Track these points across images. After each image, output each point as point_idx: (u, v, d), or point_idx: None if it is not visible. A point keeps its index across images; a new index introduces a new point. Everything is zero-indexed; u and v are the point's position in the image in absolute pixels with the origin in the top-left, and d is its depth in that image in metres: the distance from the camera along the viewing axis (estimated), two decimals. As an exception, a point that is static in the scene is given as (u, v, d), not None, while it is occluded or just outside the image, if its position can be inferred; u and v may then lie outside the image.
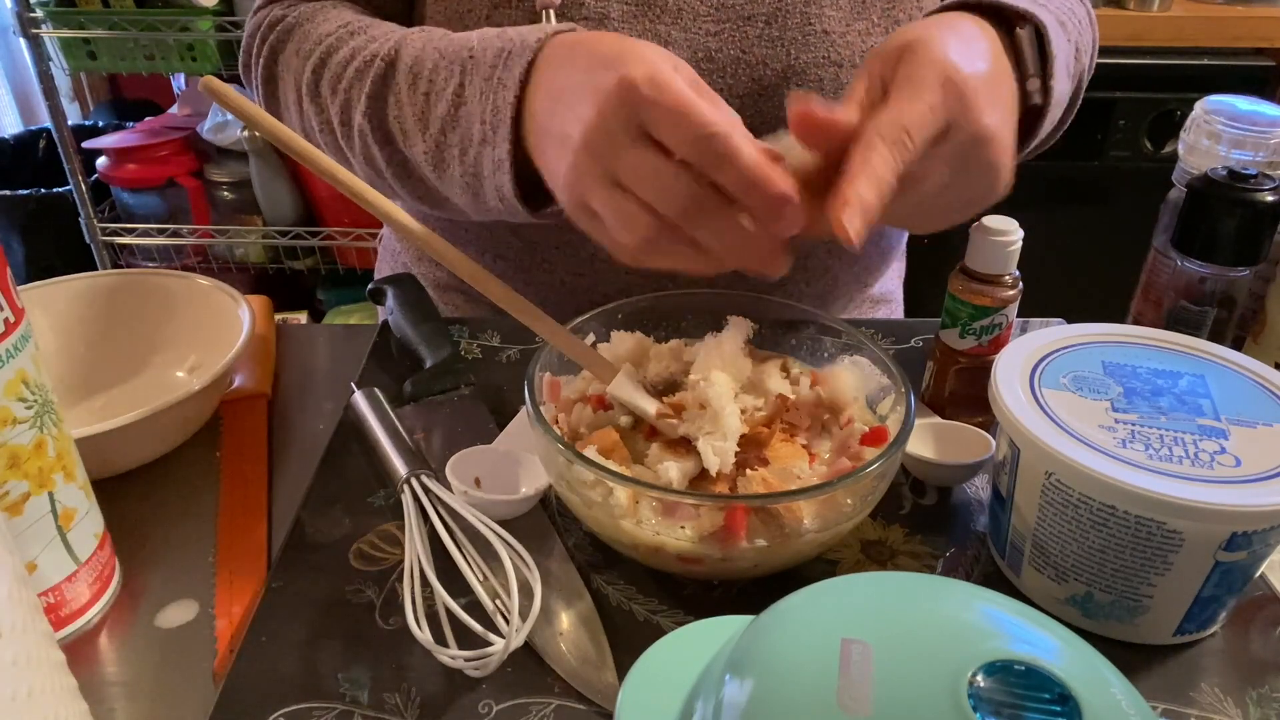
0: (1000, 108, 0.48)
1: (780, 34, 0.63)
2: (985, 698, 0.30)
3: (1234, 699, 0.45)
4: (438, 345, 0.67)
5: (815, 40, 0.63)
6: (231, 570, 0.52)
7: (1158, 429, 0.47)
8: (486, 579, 0.48)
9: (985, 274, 0.59)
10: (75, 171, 1.71)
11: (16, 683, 0.33)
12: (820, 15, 0.63)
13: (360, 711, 0.43)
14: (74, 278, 0.66)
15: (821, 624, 0.35)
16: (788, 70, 0.63)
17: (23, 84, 2.05)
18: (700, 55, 0.63)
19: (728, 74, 0.63)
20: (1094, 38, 0.68)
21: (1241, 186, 0.59)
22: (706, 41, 0.63)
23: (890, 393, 0.55)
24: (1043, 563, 0.48)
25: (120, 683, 0.46)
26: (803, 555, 0.49)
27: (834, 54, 0.63)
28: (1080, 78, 0.66)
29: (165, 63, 1.70)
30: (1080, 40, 0.63)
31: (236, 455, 0.61)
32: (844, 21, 0.64)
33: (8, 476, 0.43)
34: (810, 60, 0.63)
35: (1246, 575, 0.46)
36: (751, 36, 0.63)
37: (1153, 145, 1.65)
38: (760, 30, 0.63)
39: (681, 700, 0.37)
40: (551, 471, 0.50)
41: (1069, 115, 0.67)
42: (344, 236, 1.81)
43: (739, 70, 0.63)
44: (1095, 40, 0.69)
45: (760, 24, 0.63)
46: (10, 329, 0.42)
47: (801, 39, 0.63)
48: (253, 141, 1.72)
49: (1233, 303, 0.63)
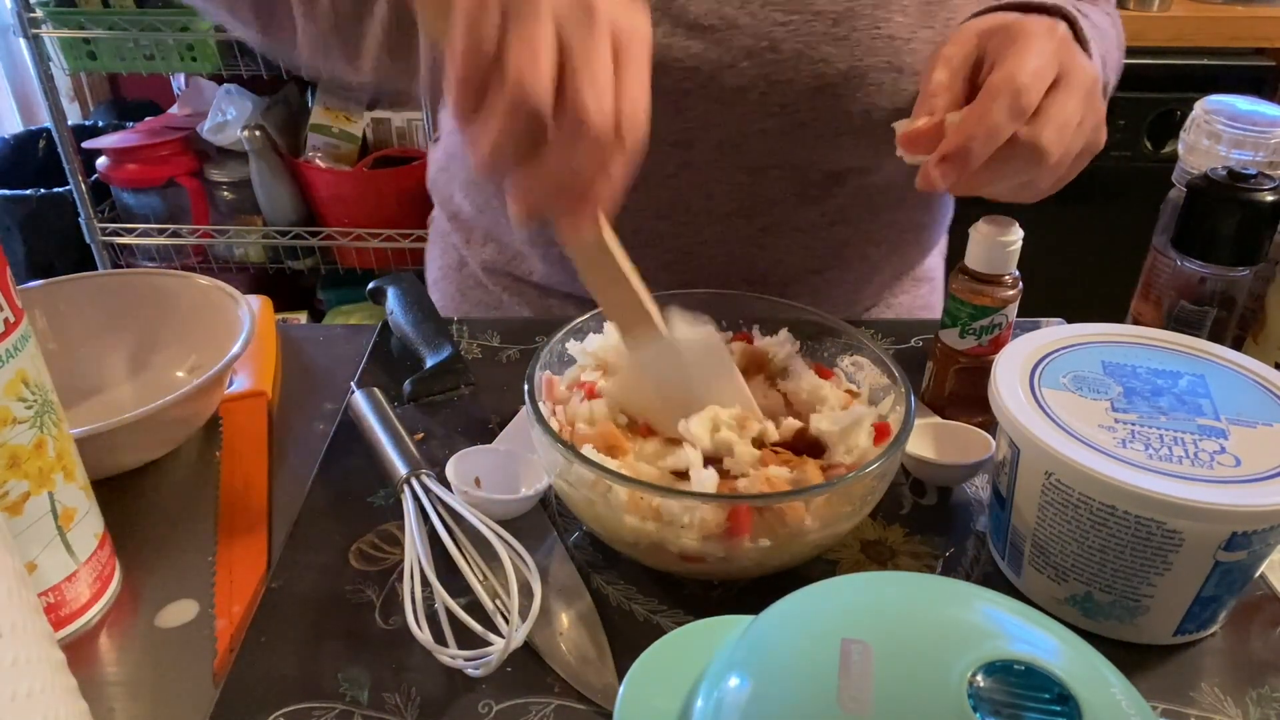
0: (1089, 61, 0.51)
1: (847, 34, 0.62)
2: (985, 698, 0.30)
3: (1234, 699, 0.45)
4: (438, 345, 0.67)
5: (881, 44, 0.63)
6: (231, 570, 0.52)
7: (1158, 429, 0.47)
8: (486, 579, 0.48)
9: (985, 274, 0.59)
10: (75, 171, 1.71)
11: (16, 683, 0.33)
12: (889, 20, 0.63)
13: (360, 711, 0.43)
14: (74, 278, 0.66)
15: (821, 624, 0.35)
16: (850, 71, 0.63)
17: (23, 84, 2.04)
18: (765, 44, 0.62)
19: (789, 67, 0.63)
20: (1119, 59, 0.68)
21: (1241, 186, 0.59)
22: (772, 30, 0.62)
23: (890, 393, 0.55)
24: (1043, 563, 0.48)
25: (120, 683, 0.46)
26: (803, 555, 0.49)
27: (897, 60, 0.63)
28: (1105, 87, 0.66)
29: (165, 63, 1.70)
30: (1106, 54, 0.63)
31: (236, 455, 0.61)
32: (910, 29, 0.63)
33: (8, 476, 0.43)
34: (873, 64, 0.63)
35: (1246, 575, 0.46)
36: (819, 33, 0.62)
37: (1153, 145, 1.65)
38: (828, 28, 0.62)
39: (681, 700, 0.37)
40: (551, 471, 0.50)
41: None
42: (344, 236, 1.81)
43: (801, 64, 0.63)
44: (1120, 61, 0.69)
45: (829, 22, 0.62)
46: (10, 329, 0.42)
47: (868, 42, 0.63)
48: (253, 141, 1.72)
49: (1233, 303, 0.63)
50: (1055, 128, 0.48)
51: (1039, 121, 0.48)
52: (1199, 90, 0.70)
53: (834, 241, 0.72)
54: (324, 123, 1.79)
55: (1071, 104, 0.49)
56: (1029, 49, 0.48)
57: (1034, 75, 0.47)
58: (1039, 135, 0.48)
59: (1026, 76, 0.47)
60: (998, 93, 0.47)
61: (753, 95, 0.64)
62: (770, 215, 0.70)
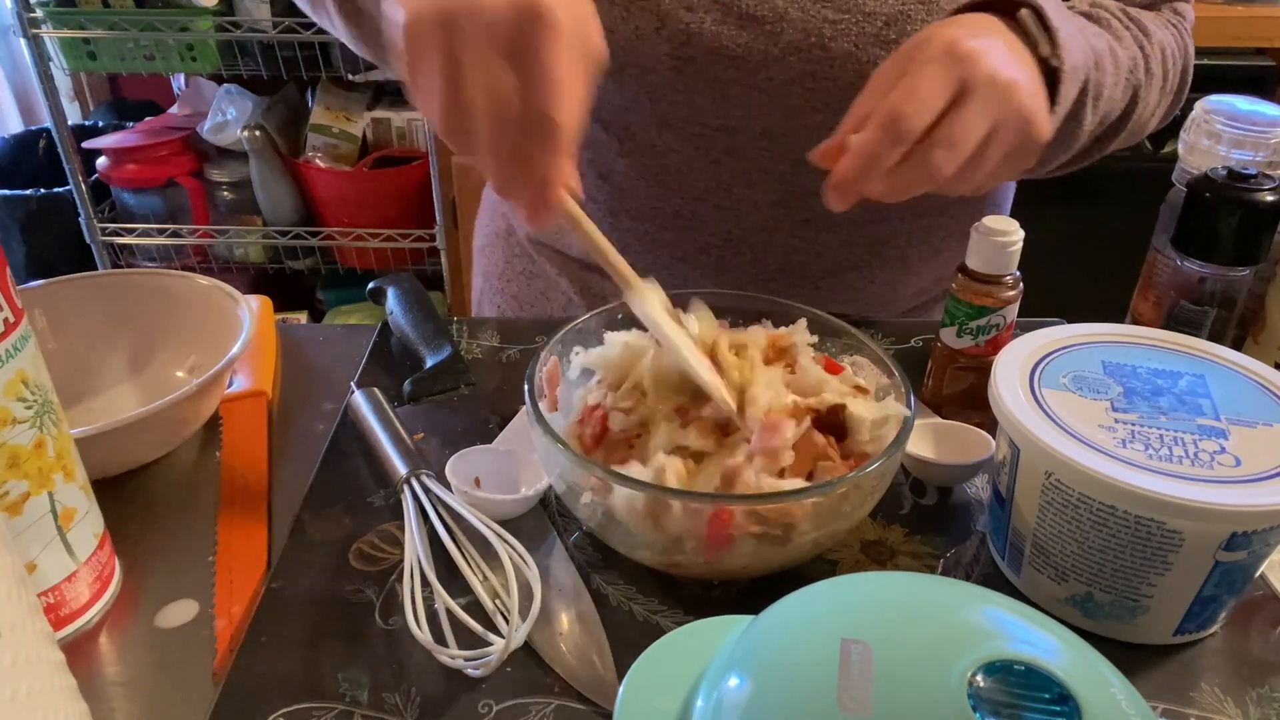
0: (1015, 65, 0.52)
1: (898, 38, 0.62)
2: (985, 698, 0.30)
3: (1234, 699, 0.45)
4: (438, 345, 0.67)
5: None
6: (231, 570, 0.52)
7: (1158, 429, 0.47)
8: (486, 579, 0.48)
9: (985, 274, 0.59)
10: (75, 171, 1.71)
11: (16, 683, 0.33)
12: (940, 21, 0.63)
13: (360, 711, 0.43)
14: (74, 278, 0.66)
15: (821, 624, 0.35)
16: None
17: (23, 84, 2.04)
18: (814, 41, 0.62)
19: (836, 65, 0.63)
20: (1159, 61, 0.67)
21: (1241, 186, 0.59)
22: (822, 28, 0.62)
23: (890, 393, 0.55)
24: (1043, 563, 0.48)
25: (120, 683, 0.46)
26: (802, 555, 0.49)
27: None
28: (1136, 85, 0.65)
29: (165, 63, 1.70)
30: (1103, 49, 0.62)
31: (236, 455, 0.61)
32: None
33: (8, 476, 0.43)
34: None
35: (1246, 575, 0.46)
36: (869, 34, 0.62)
37: (1153, 145, 1.65)
38: (878, 30, 0.62)
39: (681, 700, 0.37)
40: (551, 471, 0.50)
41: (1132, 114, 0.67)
42: (344, 236, 1.81)
43: (848, 64, 0.63)
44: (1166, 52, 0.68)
45: (880, 23, 0.62)
46: (10, 329, 0.42)
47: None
48: (253, 141, 1.72)
49: (1233, 303, 0.63)
50: (947, 146, 0.50)
51: (929, 142, 0.50)
52: (1199, 90, 0.70)
53: (874, 239, 0.73)
54: (324, 123, 1.79)
55: (971, 120, 0.50)
56: (917, 75, 0.50)
57: (917, 101, 0.49)
58: (929, 156, 0.50)
59: (908, 104, 0.49)
60: (877, 122, 0.50)
61: (798, 90, 0.64)
62: (810, 208, 0.70)
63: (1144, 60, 0.66)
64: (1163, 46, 0.68)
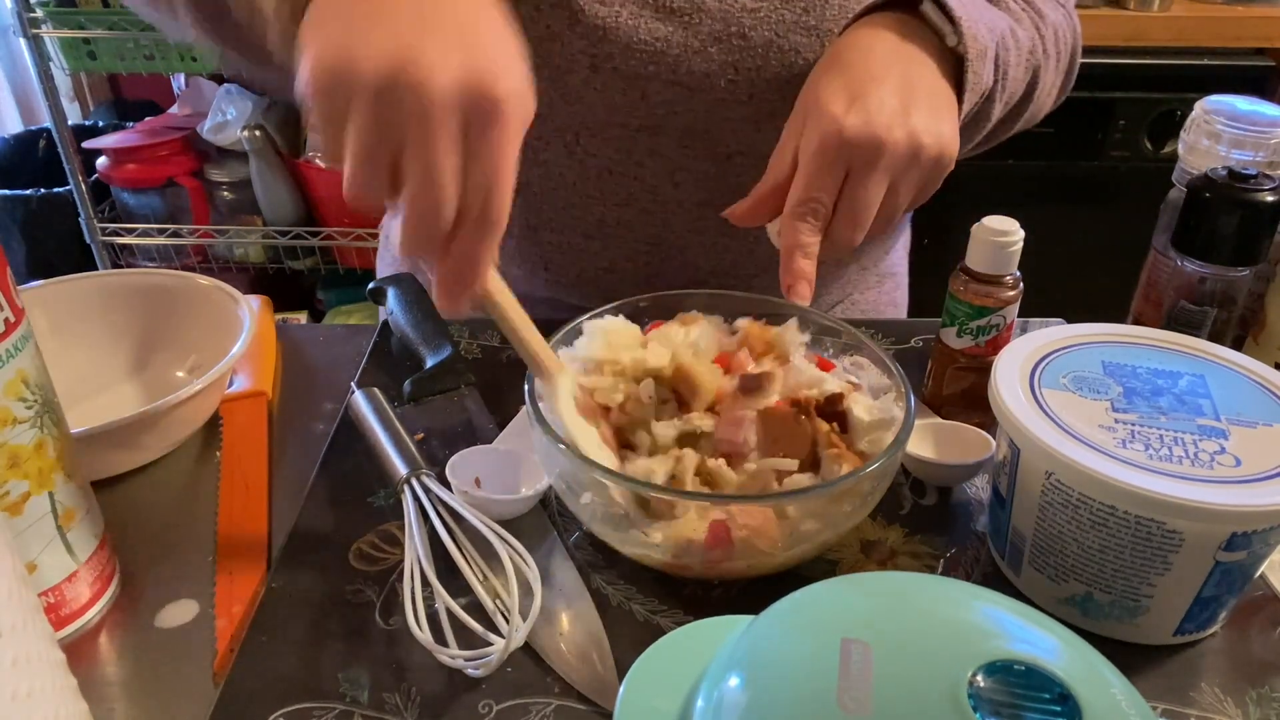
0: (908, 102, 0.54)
1: (817, 23, 0.62)
2: (985, 698, 0.30)
3: (1234, 699, 0.45)
4: (438, 345, 0.67)
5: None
6: (231, 570, 0.52)
7: (1158, 429, 0.47)
8: (486, 579, 0.48)
9: (985, 274, 0.59)
10: (75, 171, 1.71)
11: (16, 683, 0.33)
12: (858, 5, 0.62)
13: (360, 711, 0.43)
14: (74, 278, 0.66)
15: (821, 624, 0.35)
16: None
17: (23, 84, 2.04)
18: (734, 30, 0.62)
19: (758, 55, 0.62)
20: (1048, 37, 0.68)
21: (1241, 186, 0.59)
22: (741, 18, 0.62)
23: (890, 392, 0.55)
24: (1043, 563, 0.48)
25: (120, 683, 0.46)
26: (802, 555, 0.49)
27: None
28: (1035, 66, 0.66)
29: (165, 63, 1.70)
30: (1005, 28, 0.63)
31: (236, 455, 0.61)
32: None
33: (8, 476, 0.43)
34: None
35: (1246, 575, 0.46)
36: (788, 21, 0.62)
37: (1153, 145, 1.65)
38: (798, 16, 0.62)
39: (681, 700, 0.37)
40: (551, 471, 0.50)
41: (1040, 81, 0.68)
42: (344, 236, 1.81)
43: (770, 54, 0.62)
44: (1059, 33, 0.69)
45: (799, 9, 0.62)
46: (10, 329, 0.42)
47: (836, 30, 0.62)
48: (253, 141, 1.72)
49: (1233, 303, 0.63)
50: (849, 219, 0.55)
51: (834, 221, 0.55)
52: (1199, 90, 0.70)
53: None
54: (324, 123, 1.79)
55: (862, 191, 0.54)
56: (805, 169, 0.54)
57: (818, 189, 0.54)
58: (836, 234, 0.55)
59: (810, 194, 0.54)
60: (790, 218, 0.55)
61: (720, 82, 0.63)
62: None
63: (1040, 41, 0.67)
64: (1055, 26, 0.69)
